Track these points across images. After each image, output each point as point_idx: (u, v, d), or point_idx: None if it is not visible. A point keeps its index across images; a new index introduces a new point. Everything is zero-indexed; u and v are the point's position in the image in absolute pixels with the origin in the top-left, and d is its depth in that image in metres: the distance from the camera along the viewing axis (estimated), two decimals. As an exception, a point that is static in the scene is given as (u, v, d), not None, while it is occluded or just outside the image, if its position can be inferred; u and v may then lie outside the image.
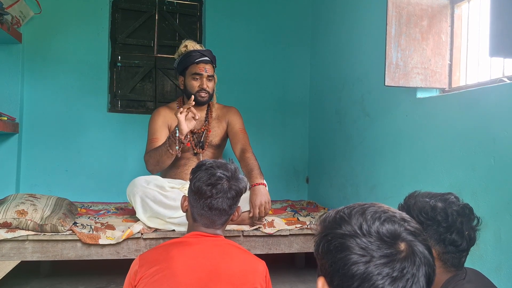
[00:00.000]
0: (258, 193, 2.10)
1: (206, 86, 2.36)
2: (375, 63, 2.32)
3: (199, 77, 2.36)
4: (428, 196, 1.14)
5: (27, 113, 3.02)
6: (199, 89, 2.36)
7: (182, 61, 2.39)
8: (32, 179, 3.02)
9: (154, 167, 2.26)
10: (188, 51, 2.38)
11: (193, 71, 2.36)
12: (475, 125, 1.65)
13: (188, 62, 2.36)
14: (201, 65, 2.35)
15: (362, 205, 0.71)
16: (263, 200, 2.10)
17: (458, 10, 1.96)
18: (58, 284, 2.32)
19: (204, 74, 2.35)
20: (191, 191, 1.38)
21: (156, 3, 3.32)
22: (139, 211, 2.11)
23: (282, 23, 3.49)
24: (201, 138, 2.46)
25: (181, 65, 2.40)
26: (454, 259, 1.11)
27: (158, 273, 1.20)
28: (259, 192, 2.11)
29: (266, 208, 2.11)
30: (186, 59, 2.37)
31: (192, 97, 2.18)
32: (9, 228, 1.96)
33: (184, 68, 2.40)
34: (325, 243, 0.69)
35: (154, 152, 2.23)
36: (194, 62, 2.34)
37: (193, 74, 2.36)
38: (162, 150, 2.18)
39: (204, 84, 2.36)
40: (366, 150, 2.49)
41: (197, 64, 2.35)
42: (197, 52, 2.36)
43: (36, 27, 3.01)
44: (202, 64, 2.35)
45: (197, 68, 2.35)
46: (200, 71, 2.35)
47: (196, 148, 2.44)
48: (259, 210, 2.10)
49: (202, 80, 2.36)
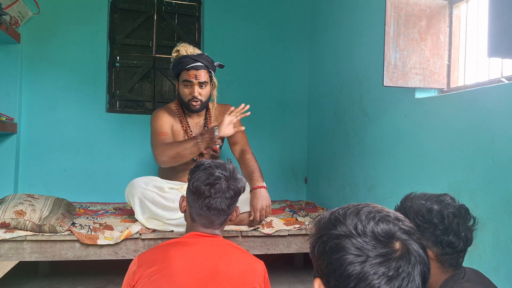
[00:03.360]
0: (259, 196, 2.09)
1: (197, 94, 2.27)
2: (373, 63, 2.32)
3: (189, 84, 2.27)
4: (424, 198, 1.14)
5: (26, 113, 3.02)
6: (190, 98, 2.28)
7: (175, 67, 2.30)
8: (31, 179, 3.02)
9: (170, 159, 2.15)
10: (179, 57, 2.27)
11: (183, 78, 2.27)
12: (473, 125, 1.65)
13: (179, 69, 2.27)
14: (192, 71, 2.24)
15: (356, 205, 0.71)
16: (264, 204, 2.09)
17: (456, 10, 1.96)
18: (57, 284, 2.31)
19: (195, 82, 2.25)
20: (189, 191, 1.38)
21: (155, 3, 3.32)
22: (137, 212, 2.11)
23: (281, 24, 3.49)
24: None
25: (174, 71, 2.33)
26: (451, 260, 1.11)
27: (157, 273, 1.20)
28: (260, 195, 2.10)
29: (266, 211, 2.11)
30: (177, 65, 2.27)
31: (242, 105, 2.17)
32: (7, 229, 1.95)
33: (177, 74, 2.33)
34: (320, 244, 0.69)
35: (178, 144, 2.17)
36: (185, 68, 2.24)
37: (184, 81, 2.28)
38: (190, 144, 2.12)
39: (195, 92, 2.26)
40: (364, 150, 2.49)
41: (188, 71, 2.25)
42: (188, 58, 2.24)
43: (34, 27, 3.01)
44: (192, 71, 2.24)
45: (187, 75, 2.25)
46: (190, 78, 2.25)
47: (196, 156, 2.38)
48: (260, 214, 2.09)
49: (192, 87, 2.26)
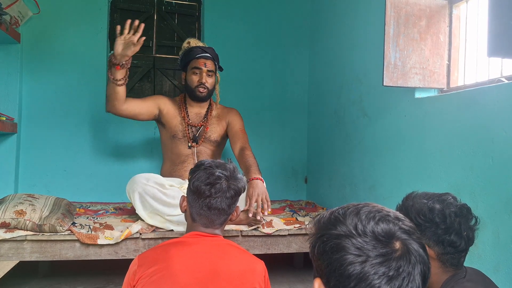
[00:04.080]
0: (255, 186, 2.08)
1: (205, 81, 2.43)
2: (373, 63, 2.33)
3: (198, 72, 2.43)
4: (425, 197, 1.14)
5: (26, 113, 3.02)
6: (198, 84, 2.43)
7: (184, 56, 2.47)
8: (31, 179, 3.02)
9: (108, 103, 2.26)
10: (190, 47, 2.47)
11: (193, 65, 2.43)
12: (473, 125, 1.65)
13: (189, 57, 2.44)
14: (202, 60, 2.42)
15: (356, 205, 0.71)
16: (259, 192, 2.06)
17: (456, 10, 1.96)
18: (57, 284, 2.32)
19: (204, 69, 2.42)
20: (190, 190, 1.38)
21: (155, 3, 3.32)
22: (138, 208, 2.11)
23: (281, 24, 3.49)
24: (197, 132, 2.49)
25: (183, 61, 2.48)
26: (453, 260, 1.11)
27: (157, 273, 1.20)
28: (256, 185, 2.09)
29: (263, 199, 2.05)
30: (187, 54, 2.45)
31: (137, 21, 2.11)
32: (7, 228, 1.96)
33: (186, 64, 2.47)
34: (320, 244, 0.69)
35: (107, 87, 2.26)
36: (195, 57, 2.42)
37: (193, 69, 2.43)
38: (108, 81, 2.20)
39: (203, 79, 2.42)
40: (364, 150, 2.49)
41: (198, 59, 2.42)
42: (198, 48, 2.44)
43: (34, 27, 3.01)
44: (202, 59, 2.42)
45: (197, 62, 2.42)
46: (199, 65, 2.42)
47: (190, 141, 2.46)
48: (257, 203, 2.04)
49: (201, 74, 2.42)
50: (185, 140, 2.47)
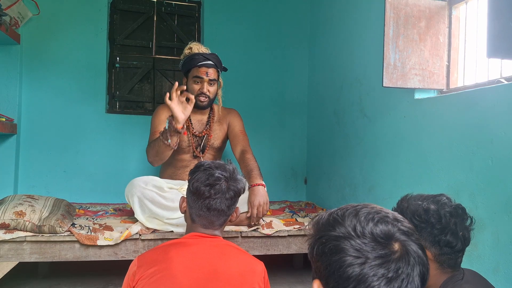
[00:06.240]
0: (257, 193, 2.10)
1: (206, 91, 2.34)
2: (373, 64, 2.33)
3: (199, 81, 2.34)
4: (420, 198, 1.15)
5: (25, 114, 3.02)
6: (198, 93, 2.34)
7: (186, 63, 2.37)
8: (30, 180, 3.02)
9: (154, 158, 2.21)
10: (192, 54, 2.35)
11: (194, 74, 2.34)
12: (473, 126, 1.65)
13: (190, 65, 2.34)
14: (203, 68, 2.32)
15: (355, 206, 0.71)
16: (261, 200, 2.09)
17: (455, 11, 1.96)
18: (56, 285, 2.31)
19: (205, 78, 2.33)
20: (189, 191, 1.38)
21: (155, 4, 3.32)
22: (137, 211, 2.11)
23: (280, 24, 3.49)
24: (202, 141, 2.45)
25: (185, 67, 2.39)
26: (450, 260, 1.11)
27: (157, 274, 1.20)
28: (258, 192, 2.10)
29: (264, 209, 2.10)
30: (189, 61, 2.35)
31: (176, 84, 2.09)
32: (7, 229, 1.95)
33: (187, 70, 2.39)
34: (319, 245, 0.69)
35: (154, 142, 2.20)
36: (196, 65, 2.32)
37: (194, 77, 2.34)
38: (158, 143, 2.13)
39: (204, 88, 2.33)
40: (364, 151, 2.49)
41: (199, 68, 2.32)
42: (200, 56, 2.33)
43: (34, 28, 3.01)
44: (204, 68, 2.32)
45: (198, 71, 2.33)
46: (201, 75, 2.32)
47: (196, 151, 2.43)
48: (257, 211, 2.09)
49: (202, 84, 2.34)
50: (189, 150, 2.42)
